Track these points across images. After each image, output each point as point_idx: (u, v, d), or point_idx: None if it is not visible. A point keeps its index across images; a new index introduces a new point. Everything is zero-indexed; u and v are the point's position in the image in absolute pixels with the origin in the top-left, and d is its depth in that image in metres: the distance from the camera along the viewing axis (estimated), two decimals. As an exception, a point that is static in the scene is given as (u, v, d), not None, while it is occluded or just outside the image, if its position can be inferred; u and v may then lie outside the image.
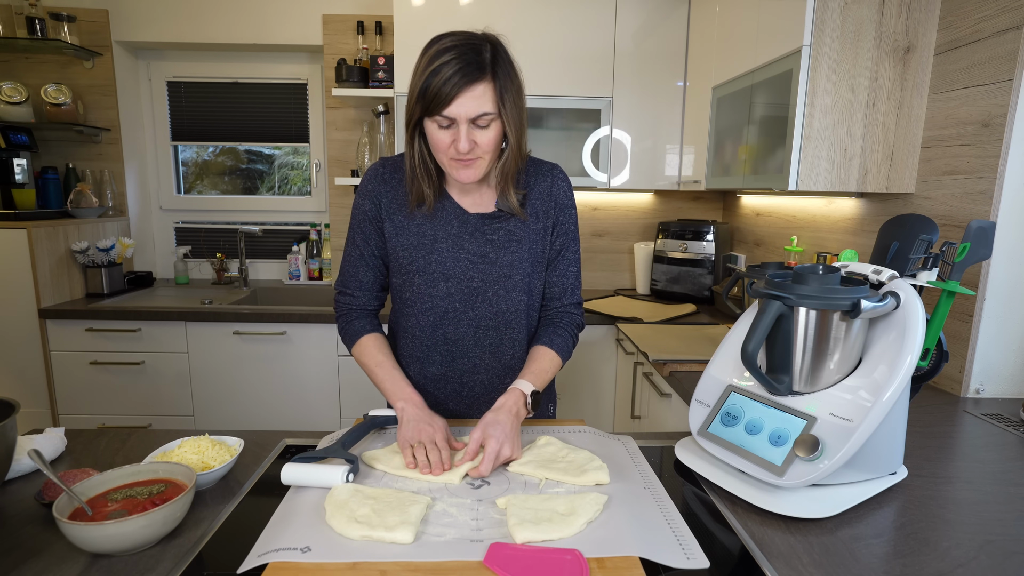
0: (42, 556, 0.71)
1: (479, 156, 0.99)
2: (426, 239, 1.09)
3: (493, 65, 0.94)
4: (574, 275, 1.18)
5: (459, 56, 0.92)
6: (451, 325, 1.12)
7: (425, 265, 1.09)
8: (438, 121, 0.96)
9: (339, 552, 0.69)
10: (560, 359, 1.14)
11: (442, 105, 0.93)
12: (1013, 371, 1.38)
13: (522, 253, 1.11)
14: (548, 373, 1.11)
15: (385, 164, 1.13)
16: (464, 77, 0.91)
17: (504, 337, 1.14)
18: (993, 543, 0.77)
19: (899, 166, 1.54)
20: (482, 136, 0.97)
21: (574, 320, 1.19)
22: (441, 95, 0.92)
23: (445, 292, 1.10)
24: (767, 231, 2.34)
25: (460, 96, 0.92)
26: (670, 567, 0.68)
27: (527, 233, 1.11)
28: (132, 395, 2.33)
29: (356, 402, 2.37)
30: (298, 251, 2.87)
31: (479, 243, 1.09)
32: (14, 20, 2.44)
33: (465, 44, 0.94)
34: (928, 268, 0.94)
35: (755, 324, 0.84)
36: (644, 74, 2.41)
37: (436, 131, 0.97)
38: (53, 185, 2.58)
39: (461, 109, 0.93)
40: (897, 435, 0.89)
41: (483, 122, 0.96)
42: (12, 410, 0.84)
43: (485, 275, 1.10)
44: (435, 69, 0.92)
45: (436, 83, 0.92)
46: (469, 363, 1.14)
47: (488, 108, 0.95)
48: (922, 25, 1.47)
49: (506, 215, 1.10)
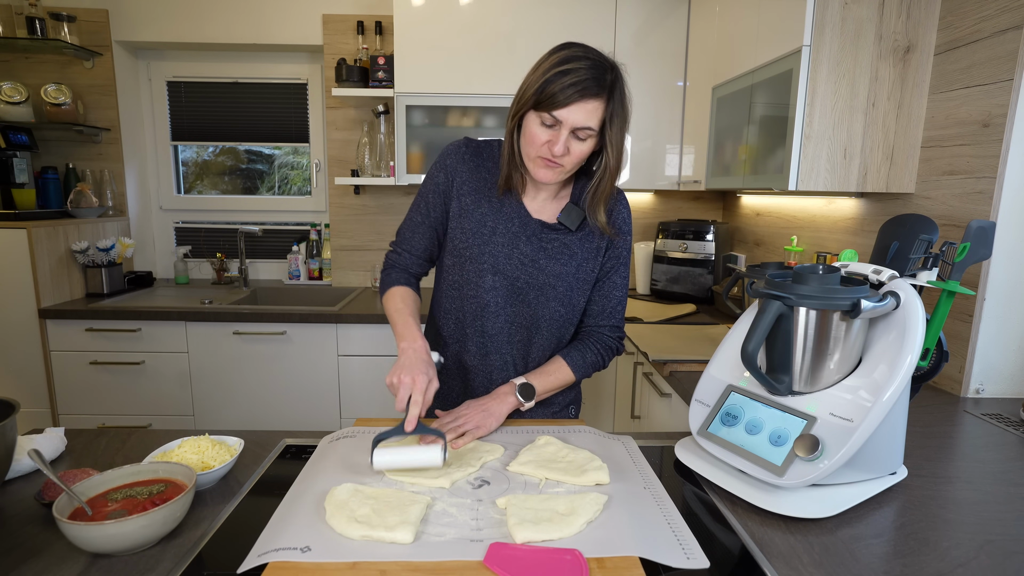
0: (42, 556, 0.71)
1: (564, 164, 1.02)
2: (486, 229, 1.12)
3: (611, 88, 0.98)
4: (617, 299, 1.20)
5: (588, 68, 0.96)
6: (490, 319, 1.14)
7: (479, 254, 1.12)
8: (543, 118, 0.99)
9: (339, 552, 0.69)
10: (571, 371, 1.16)
11: (556, 106, 0.96)
12: (1013, 371, 1.38)
13: (571, 267, 1.14)
14: (551, 377, 1.14)
15: (468, 145, 1.15)
16: (587, 89, 0.95)
17: (534, 339, 1.17)
18: (993, 543, 0.77)
19: (899, 166, 1.54)
20: (576, 147, 1.01)
21: (603, 340, 1.20)
22: (559, 96, 0.95)
23: (491, 285, 1.12)
24: (767, 231, 2.34)
25: (575, 104, 0.96)
26: (670, 567, 0.68)
27: (580, 250, 1.14)
28: (132, 395, 2.33)
29: (356, 402, 2.37)
30: (298, 251, 2.87)
31: (533, 247, 1.12)
32: (14, 20, 2.44)
33: (596, 60, 0.97)
34: (928, 268, 0.94)
35: (755, 324, 0.84)
36: (644, 74, 2.41)
37: (537, 126, 1.00)
38: (53, 185, 2.58)
39: (571, 116, 0.97)
40: (897, 435, 0.89)
41: (583, 135, 0.99)
42: (12, 410, 0.84)
43: (531, 279, 1.13)
44: (564, 71, 0.95)
45: (559, 84, 0.95)
46: (500, 359, 1.17)
47: (593, 124, 0.98)
48: (922, 25, 1.47)
49: (564, 228, 1.13)
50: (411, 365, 0.98)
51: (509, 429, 1.08)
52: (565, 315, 1.17)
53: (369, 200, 2.80)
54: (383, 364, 2.34)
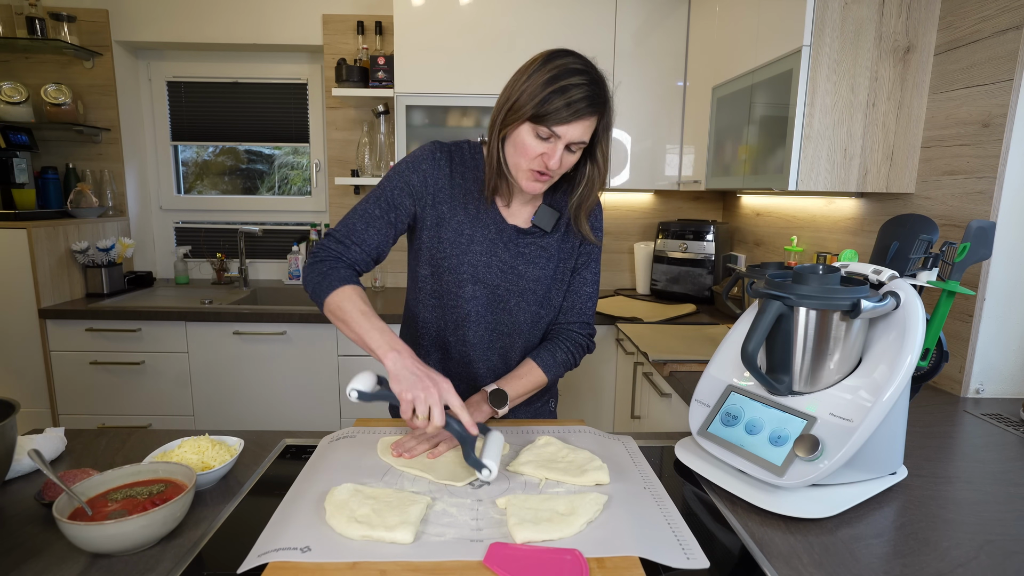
0: (42, 556, 0.71)
1: (555, 176, 1.02)
2: (463, 239, 1.09)
3: (604, 103, 0.98)
4: (587, 295, 1.19)
5: (589, 84, 0.94)
6: (472, 328, 1.13)
7: (457, 264, 1.10)
8: (539, 131, 0.96)
9: (339, 552, 0.69)
10: (542, 372, 1.13)
11: (557, 122, 0.94)
12: (1013, 371, 1.38)
13: (548, 270, 1.13)
14: (523, 380, 1.12)
15: (442, 149, 1.10)
16: (590, 107, 0.94)
17: (515, 343, 1.16)
18: (993, 543, 0.77)
19: (899, 166, 1.54)
20: (568, 159, 1.00)
21: (573, 338, 1.18)
22: (563, 113, 0.93)
23: (471, 295, 1.11)
24: (767, 231, 2.34)
25: (578, 121, 0.95)
26: (670, 567, 0.68)
27: (558, 251, 1.14)
28: (132, 395, 2.33)
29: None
30: (298, 251, 2.87)
31: (511, 254, 1.11)
32: (14, 20, 2.44)
33: (594, 75, 0.96)
34: (928, 268, 0.94)
35: (755, 324, 0.84)
36: (644, 74, 2.41)
37: (531, 138, 0.97)
38: (53, 185, 2.58)
39: (571, 132, 0.95)
40: (897, 435, 0.89)
41: (575, 148, 0.99)
42: (12, 410, 0.84)
43: (511, 285, 1.12)
44: (564, 87, 0.93)
45: (562, 100, 0.93)
46: (484, 367, 1.16)
47: (587, 138, 0.98)
48: (922, 25, 1.47)
49: (539, 231, 1.12)
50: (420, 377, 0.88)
51: (509, 429, 1.08)
52: (545, 316, 1.17)
53: (369, 200, 2.80)
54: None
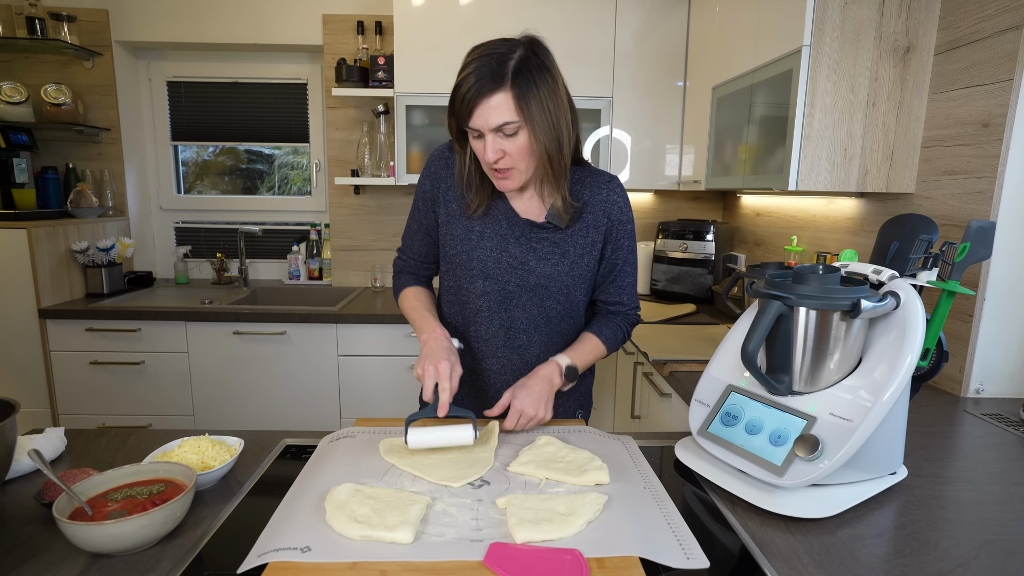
0: (42, 556, 0.71)
1: (511, 165, 1.00)
2: (473, 234, 1.11)
3: (515, 73, 0.93)
4: (631, 285, 1.20)
5: (477, 68, 0.93)
6: (484, 323, 1.14)
7: (467, 260, 1.11)
8: (470, 131, 0.98)
9: (339, 552, 0.69)
10: (604, 347, 1.16)
11: (464, 117, 0.96)
12: (1013, 371, 1.38)
13: (563, 266, 1.11)
14: (590, 355, 1.14)
15: (451, 148, 1.13)
16: (480, 89, 0.93)
17: (533, 340, 1.16)
18: (993, 543, 0.77)
19: (899, 166, 1.54)
20: (510, 145, 0.98)
21: (628, 317, 1.21)
22: (463, 107, 0.95)
23: (482, 290, 1.12)
24: (767, 231, 2.34)
25: (477, 108, 0.94)
26: (670, 567, 0.68)
27: (573, 246, 1.11)
28: (132, 395, 2.33)
29: (356, 402, 2.37)
30: (298, 251, 2.87)
31: (522, 249, 1.10)
32: (14, 20, 2.44)
33: (488, 54, 0.94)
34: (928, 268, 0.93)
35: (755, 324, 0.84)
36: (644, 74, 2.41)
37: (473, 141, 1.00)
38: (53, 185, 2.58)
39: (480, 120, 0.95)
40: (897, 435, 0.89)
41: (509, 130, 0.96)
42: (12, 410, 0.84)
43: (522, 281, 1.11)
44: (458, 82, 0.95)
45: (459, 96, 0.95)
46: (497, 363, 1.17)
47: (509, 117, 0.94)
48: (922, 25, 1.47)
49: (553, 227, 1.10)
50: (434, 354, 1.00)
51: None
52: (563, 312, 1.15)
53: (369, 200, 2.80)
54: (383, 364, 2.34)
